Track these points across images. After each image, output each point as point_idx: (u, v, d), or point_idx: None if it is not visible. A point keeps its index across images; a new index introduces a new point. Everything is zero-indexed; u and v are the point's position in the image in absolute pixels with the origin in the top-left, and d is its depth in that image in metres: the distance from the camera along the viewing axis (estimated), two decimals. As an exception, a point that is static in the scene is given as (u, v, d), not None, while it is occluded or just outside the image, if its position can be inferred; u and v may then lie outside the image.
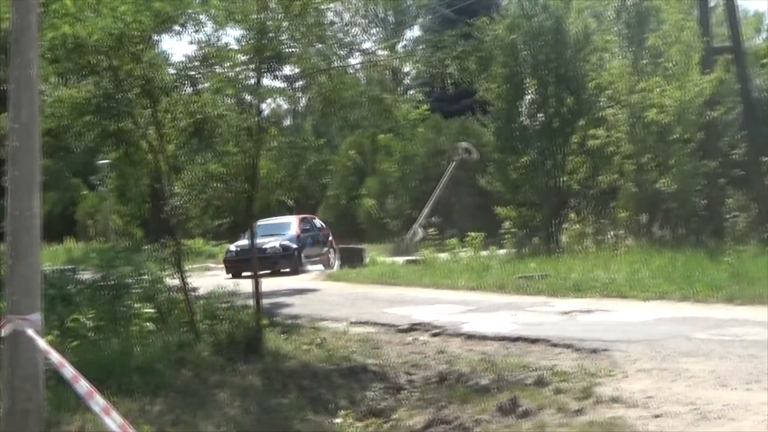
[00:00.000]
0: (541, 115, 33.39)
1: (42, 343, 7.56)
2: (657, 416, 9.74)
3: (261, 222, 34.16)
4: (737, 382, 11.05)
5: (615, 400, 10.62)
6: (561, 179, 33.37)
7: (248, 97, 15.44)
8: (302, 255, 37.12)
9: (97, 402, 6.91)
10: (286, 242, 36.39)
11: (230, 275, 32.88)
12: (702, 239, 28.65)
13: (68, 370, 7.14)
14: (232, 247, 35.88)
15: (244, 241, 34.26)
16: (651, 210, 31.65)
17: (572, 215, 32.02)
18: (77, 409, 9.90)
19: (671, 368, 12.22)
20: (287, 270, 35.28)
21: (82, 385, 7.04)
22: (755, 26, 40.53)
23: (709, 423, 9.35)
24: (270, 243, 35.30)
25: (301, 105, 54.29)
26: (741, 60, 31.13)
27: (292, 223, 38.13)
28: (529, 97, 33.62)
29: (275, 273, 33.80)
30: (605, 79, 32.27)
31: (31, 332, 7.51)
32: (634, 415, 9.83)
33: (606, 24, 35.16)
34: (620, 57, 32.93)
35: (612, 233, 30.16)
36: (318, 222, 41.33)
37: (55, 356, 7.35)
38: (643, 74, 30.86)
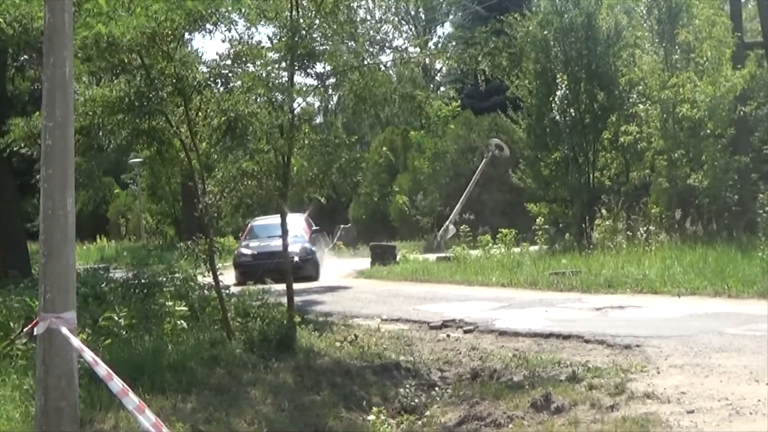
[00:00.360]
0: (572, 111, 33.26)
1: (76, 341, 7.59)
2: (690, 412, 9.70)
3: (259, 221, 32.45)
4: (772, 378, 11.00)
5: (648, 395, 10.58)
6: (593, 175, 33.32)
7: (280, 96, 15.47)
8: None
9: (131, 400, 6.95)
10: (307, 245, 32.12)
11: (238, 282, 27.85)
12: (734, 235, 28.50)
13: (102, 369, 7.17)
14: (246, 250, 31.69)
15: (256, 243, 31.89)
16: (683, 206, 31.50)
17: (604, 211, 31.91)
18: (110, 407, 9.98)
19: (704, 364, 12.18)
20: (309, 276, 30.26)
21: (116, 384, 7.08)
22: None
23: (743, 418, 9.31)
24: (291, 247, 28.15)
25: (333, 102, 54.58)
26: (773, 55, 30.96)
27: (298, 223, 32.61)
28: (561, 93, 33.49)
29: (296, 280, 27.97)
30: (637, 75, 32.18)
31: (65, 330, 7.54)
32: (667, 411, 9.80)
33: (637, 20, 35.07)
34: (651, 53, 32.84)
35: (644, 229, 30.00)
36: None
37: (89, 354, 7.38)
38: (674, 70, 30.82)
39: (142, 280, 20.08)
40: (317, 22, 15.06)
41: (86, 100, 14.49)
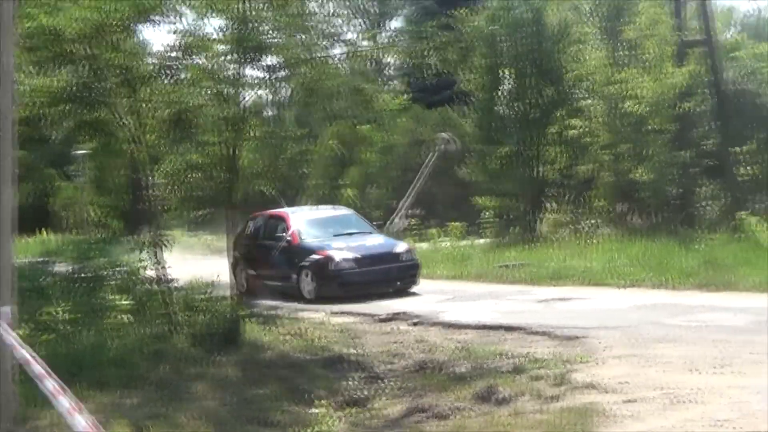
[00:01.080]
0: (519, 105, 33.43)
1: (10, 337, 7.45)
2: (630, 401, 9.85)
3: (304, 214, 24.77)
4: (706, 367, 11.26)
5: (590, 386, 10.73)
6: (540, 169, 33.53)
7: (228, 88, 15.44)
8: None
9: (64, 401, 6.77)
10: (407, 244, 25.17)
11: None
12: (675, 228, 28.79)
13: (36, 367, 6.99)
14: (342, 254, 21.92)
15: (342, 243, 22.69)
16: (627, 199, 31.84)
17: (550, 205, 32.12)
18: (48, 404, 9.87)
19: (644, 354, 12.39)
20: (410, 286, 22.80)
21: (50, 383, 6.88)
22: (726, 20, 41.04)
23: (680, 406, 9.50)
24: (398, 246, 23.56)
25: (283, 95, 54.31)
26: (713, 53, 31.26)
27: (355, 216, 26.54)
28: (509, 87, 33.63)
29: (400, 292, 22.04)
30: (583, 71, 32.43)
31: (1, 326, 7.41)
32: (608, 401, 9.93)
33: (584, 17, 35.28)
34: (597, 49, 33.04)
35: (589, 222, 30.29)
36: None
37: (22, 352, 7.21)
38: (619, 66, 31.07)
39: (86, 274, 19.87)
40: (268, 14, 15.04)
41: (28, 91, 14.34)
